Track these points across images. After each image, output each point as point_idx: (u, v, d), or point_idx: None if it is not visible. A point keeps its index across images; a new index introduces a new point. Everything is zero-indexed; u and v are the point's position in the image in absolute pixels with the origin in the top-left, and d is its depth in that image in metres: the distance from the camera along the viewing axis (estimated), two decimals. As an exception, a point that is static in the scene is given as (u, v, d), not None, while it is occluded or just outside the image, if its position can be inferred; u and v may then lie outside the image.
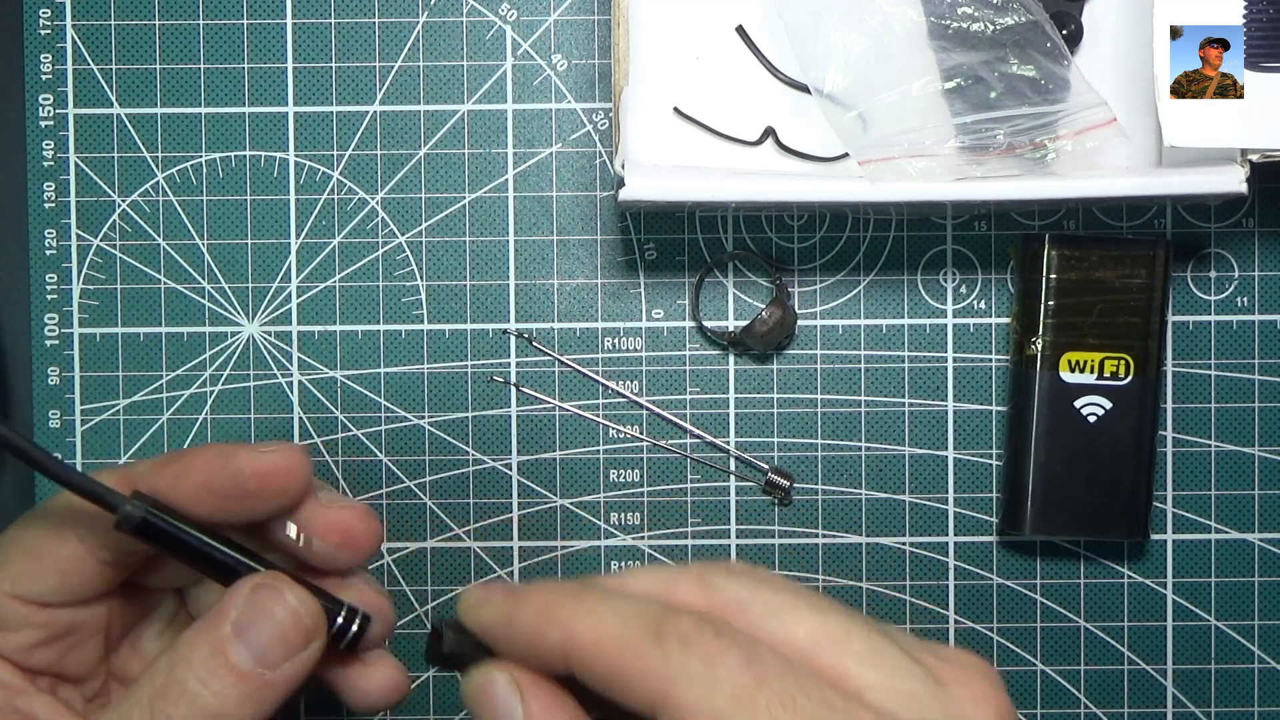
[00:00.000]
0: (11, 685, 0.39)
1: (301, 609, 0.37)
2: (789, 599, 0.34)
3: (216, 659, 0.36)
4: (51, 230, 0.57)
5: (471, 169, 0.57)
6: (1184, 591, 0.57)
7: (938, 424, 0.57)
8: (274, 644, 0.36)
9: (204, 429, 0.57)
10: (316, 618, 0.37)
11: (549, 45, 0.57)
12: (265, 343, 0.57)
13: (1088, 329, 0.55)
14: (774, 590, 0.35)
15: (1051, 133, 0.52)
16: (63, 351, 0.57)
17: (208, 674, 0.36)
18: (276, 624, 0.37)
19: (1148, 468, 0.55)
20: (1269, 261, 0.57)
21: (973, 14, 0.53)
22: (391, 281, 0.57)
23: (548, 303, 0.57)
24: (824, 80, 0.54)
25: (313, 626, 0.37)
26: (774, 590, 0.35)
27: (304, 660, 0.37)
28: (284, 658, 0.37)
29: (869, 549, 0.57)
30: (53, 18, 0.57)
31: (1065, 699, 0.57)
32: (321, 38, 0.57)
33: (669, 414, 0.57)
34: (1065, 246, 0.55)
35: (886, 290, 0.57)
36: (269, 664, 0.36)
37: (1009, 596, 0.57)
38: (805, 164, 0.55)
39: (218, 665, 0.36)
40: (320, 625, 0.38)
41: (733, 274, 0.57)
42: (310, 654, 0.37)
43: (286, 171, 0.57)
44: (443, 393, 0.57)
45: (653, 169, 0.52)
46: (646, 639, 0.33)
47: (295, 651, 0.37)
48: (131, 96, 0.57)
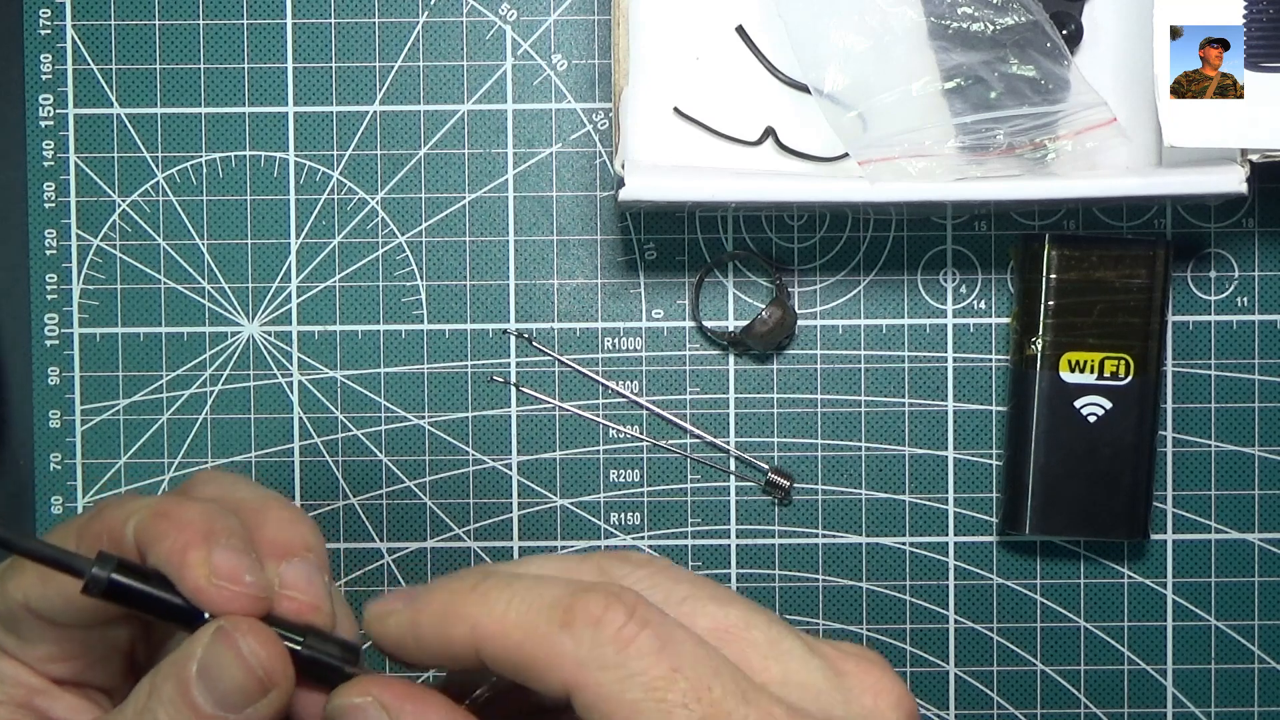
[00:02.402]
0: (31, 685, 0.39)
1: (255, 659, 0.36)
2: (690, 590, 0.34)
3: (184, 699, 0.35)
4: (51, 230, 0.57)
5: (471, 169, 0.57)
6: (1184, 591, 0.57)
7: (938, 424, 0.57)
8: (233, 691, 0.35)
9: (204, 429, 0.57)
10: (274, 665, 0.36)
11: (549, 45, 0.57)
12: (265, 343, 0.57)
13: (1088, 329, 0.55)
14: (674, 581, 0.35)
15: (1051, 133, 0.52)
16: (63, 351, 0.57)
17: (176, 712, 0.35)
18: (233, 672, 0.35)
19: (1148, 468, 0.55)
20: (1269, 261, 0.57)
21: (973, 14, 0.53)
22: (391, 281, 0.57)
23: (548, 303, 0.57)
24: (824, 80, 0.54)
25: (270, 675, 0.36)
26: (674, 581, 0.35)
27: (269, 708, 0.36)
28: (245, 703, 0.36)
29: (869, 549, 0.57)
30: (53, 18, 0.57)
31: (1065, 699, 0.57)
32: (321, 38, 0.57)
33: (669, 414, 0.57)
34: (1065, 246, 0.55)
35: (886, 290, 0.57)
36: (230, 709, 0.35)
37: (1009, 596, 0.57)
38: (805, 164, 0.55)
39: (184, 704, 0.35)
40: (281, 672, 0.36)
41: (733, 274, 0.57)
42: (272, 701, 0.36)
43: (286, 171, 0.57)
44: (443, 393, 0.57)
45: (653, 169, 0.52)
46: (554, 625, 0.33)
47: (254, 699, 0.36)
48: (131, 96, 0.57)
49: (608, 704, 0.32)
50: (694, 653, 0.32)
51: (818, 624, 0.57)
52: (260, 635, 0.36)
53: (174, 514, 0.37)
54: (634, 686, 0.32)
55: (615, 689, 0.32)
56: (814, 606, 0.57)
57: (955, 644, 0.57)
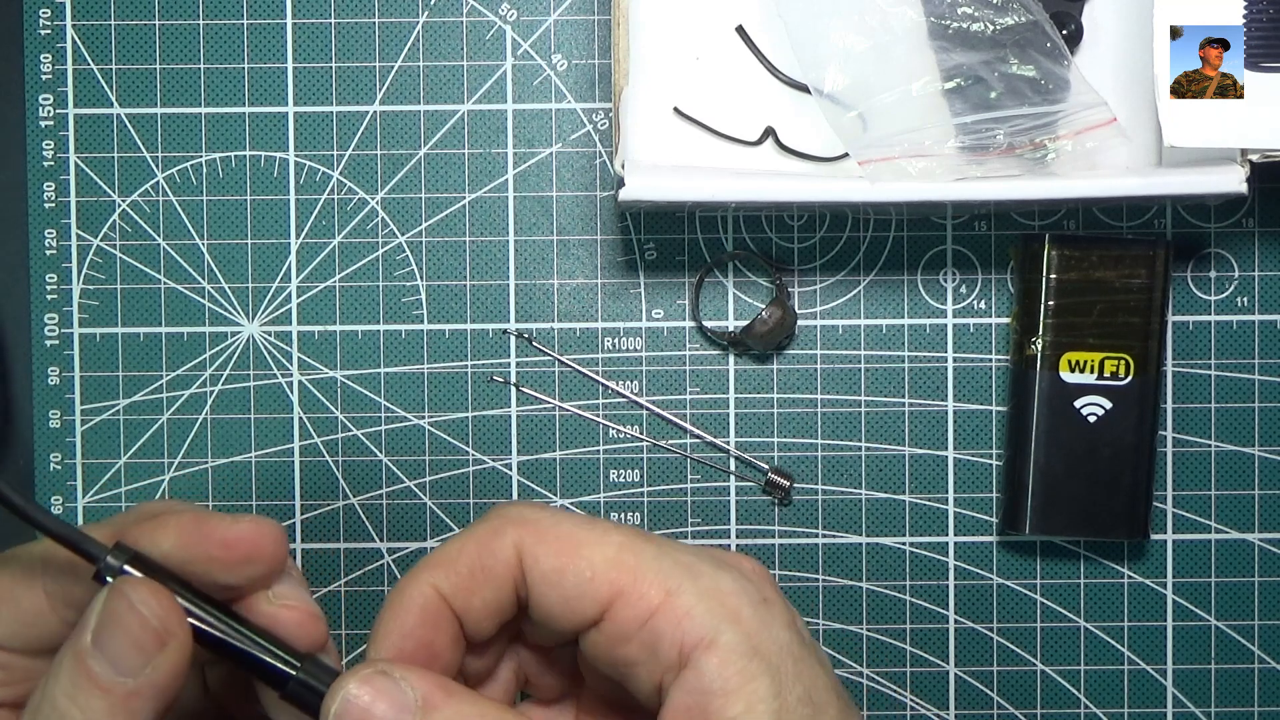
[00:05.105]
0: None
1: (146, 609, 0.35)
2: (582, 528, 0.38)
3: (80, 672, 0.34)
4: (51, 230, 0.57)
5: (471, 169, 0.57)
6: (1184, 591, 0.57)
7: (938, 424, 0.57)
8: (128, 650, 0.34)
9: (204, 429, 0.57)
10: (168, 616, 0.35)
11: (549, 45, 0.57)
12: (265, 343, 0.57)
13: (1088, 329, 0.55)
14: (567, 518, 0.38)
15: (1051, 133, 0.52)
16: (63, 351, 0.57)
17: (74, 689, 0.34)
18: (126, 630, 0.34)
19: (1148, 468, 0.55)
20: (1269, 261, 0.57)
21: (973, 14, 0.53)
22: (391, 281, 0.57)
23: (548, 303, 0.57)
24: (824, 80, 0.54)
25: (162, 627, 0.35)
26: (567, 518, 0.38)
27: (167, 663, 0.35)
28: (142, 663, 0.34)
29: (869, 549, 0.57)
30: (53, 18, 0.57)
31: (1065, 699, 0.57)
32: (321, 38, 0.57)
33: (669, 414, 0.57)
34: (1065, 246, 0.55)
35: (886, 290, 0.57)
36: (128, 672, 0.34)
37: (1009, 596, 0.57)
38: (805, 164, 0.55)
39: (81, 679, 0.34)
40: (176, 623, 0.35)
41: (733, 274, 0.57)
42: (171, 655, 0.35)
43: (286, 171, 0.57)
44: (443, 393, 0.57)
45: (653, 169, 0.52)
46: (485, 524, 0.37)
47: (151, 655, 0.34)
48: (131, 96, 0.57)
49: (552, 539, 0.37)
50: None
51: (818, 624, 0.57)
52: (152, 588, 0.35)
53: None
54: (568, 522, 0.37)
55: (554, 527, 0.37)
56: (814, 606, 0.57)
57: (955, 644, 0.57)
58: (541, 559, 0.37)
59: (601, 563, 0.36)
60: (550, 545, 0.37)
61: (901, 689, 0.57)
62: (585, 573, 0.36)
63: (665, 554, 0.37)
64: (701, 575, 0.36)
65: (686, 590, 0.36)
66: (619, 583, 0.36)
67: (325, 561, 0.57)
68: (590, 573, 0.36)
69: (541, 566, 0.37)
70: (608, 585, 0.36)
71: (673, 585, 0.36)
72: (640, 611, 0.36)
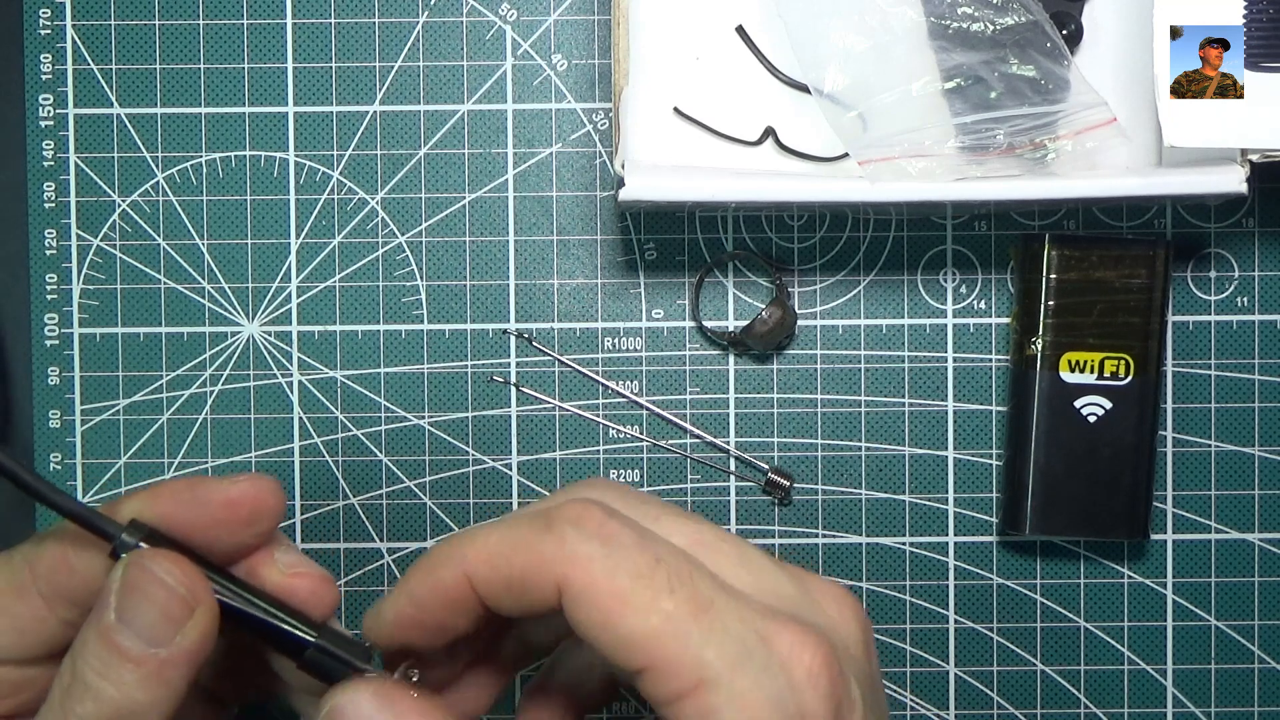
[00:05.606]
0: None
1: (171, 579, 0.35)
2: (660, 510, 0.36)
3: (108, 648, 0.35)
4: (51, 230, 0.57)
5: (471, 169, 0.57)
6: (1184, 591, 0.57)
7: (938, 424, 0.57)
8: (157, 620, 0.35)
9: (204, 429, 0.57)
10: (191, 583, 0.35)
11: (549, 45, 0.57)
12: (265, 343, 0.57)
13: (1088, 329, 0.55)
14: (643, 501, 0.37)
15: (1051, 133, 0.52)
16: (63, 351, 0.57)
17: (103, 665, 0.35)
18: (152, 600, 0.35)
19: (1148, 468, 0.55)
20: (1269, 261, 0.57)
21: (973, 14, 0.53)
22: (391, 281, 0.57)
23: (548, 303, 0.57)
24: (824, 80, 0.54)
25: (190, 594, 0.35)
26: (643, 501, 0.37)
27: (196, 630, 0.35)
28: (173, 632, 0.35)
29: (869, 549, 0.57)
30: (53, 18, 0.57)
31: (1065, 699, 0.57)
32: (321, 38, 0.57)
33: (669, 414, 0.57)
34: (1065, 246, 0.55)
35: (886, 290, 0.57)
36: (159, 642, 0.35)
37: (1009, 596, 0.57)
38: (805, 164, 0.55)
39: (110, 654, 0.35)
40: (202, 589, 0.36)
41: (733, 274, 0.57)
42: (200, 621, 0.35)
43: (286, 171, 0.57)
44: (443, 393, 0.57)
45: (653, 169, 0.52)
46: (537, 534, 0.35)
47: (181, 623, 0.35)
48: (131, 96, 0.57)
49: (597, 592, 0.34)
50: (671, 549, 0.35)
51: (818, 624, 0.57)
52: (171, 558, 0.36)
53: None
54: (621, 573, 0.34)
55: (603, 577, 0.34)
56: (814, 606, 0.57)
57: (955, 644, 0.57)
58: (580, 609, 0.34)
59: (641, 635, 0.34)
60: (591, 600, 0.34)
61: (901, 689, 0.57)
62: (621, 639, 0.34)
63: (715, 632, 0.34)
64: (744, 668, 0.34)
65: (720, 688, 0.33)
66: (653, 657, 0.34)
67: (325, 561, 0.57)
68: (627, 642, 0.34)
69: (576, 615, 0.34)
70: (642, 656, 0.34)
71: (708, 676, 0.33)
72: (666, 693, 0.34)
